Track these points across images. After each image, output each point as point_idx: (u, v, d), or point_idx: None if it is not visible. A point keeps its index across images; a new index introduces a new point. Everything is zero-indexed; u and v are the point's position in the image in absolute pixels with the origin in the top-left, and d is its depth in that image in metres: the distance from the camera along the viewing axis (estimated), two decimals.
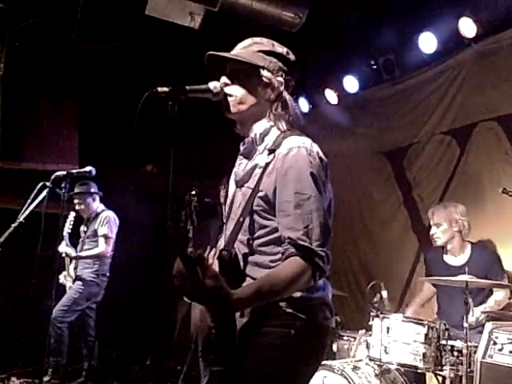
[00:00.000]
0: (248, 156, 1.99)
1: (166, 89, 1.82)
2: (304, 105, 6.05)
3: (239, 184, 1.99)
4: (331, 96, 5.85)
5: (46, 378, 4.69)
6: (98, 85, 5.73)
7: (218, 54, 1.95)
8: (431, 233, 4.10)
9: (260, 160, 1.92)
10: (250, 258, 1.85)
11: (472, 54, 4.70)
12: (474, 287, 3.53)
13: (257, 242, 1.85)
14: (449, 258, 4.04)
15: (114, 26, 4.96)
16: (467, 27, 4.50)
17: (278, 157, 1.85)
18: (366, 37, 5.03)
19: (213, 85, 1.91)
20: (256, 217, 1.85)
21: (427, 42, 4.84)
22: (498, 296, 3.81)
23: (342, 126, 5.80)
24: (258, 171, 1.90)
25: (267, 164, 1.87)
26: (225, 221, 2.05)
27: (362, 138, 5.73)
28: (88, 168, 4.10)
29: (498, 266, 3.86)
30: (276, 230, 1.83)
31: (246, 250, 1.86)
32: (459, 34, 4.58)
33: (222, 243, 1.99)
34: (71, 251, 5.18)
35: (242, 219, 1.86)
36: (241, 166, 2.01)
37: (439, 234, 4.04)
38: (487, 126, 4.63)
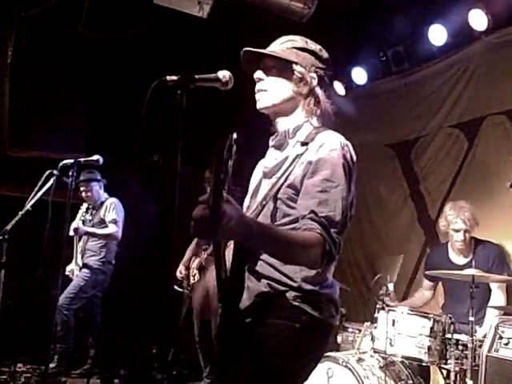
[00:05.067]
0: (279, 148, 2.02)
1: (174, 77, 1.82)
2: None
3: (268, 175, 2.00)
4: (339, 87, 5.82)
5: (51, 365, 4.73)
6: (106, 74, 5.72)
7: (254, 50, 1.99)
8: (461, 238, 3.88)
9: (291, 152, 1.94)
10: None
11: (482, 46, 4.67)
12: (477, 284, 3.50)
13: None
14: (454, 257, 4.01)
15: (122, 15, 4.94)
16: (478, 20, 4.46)
17: (312, 150, 1.87)
18: (375, 28, 5.01)
19: (222, 74, 1.92)
20: (280, 204, 1.86)
21: (437, 35, 4.81)
22: (496, 300, 3.78)
23: (350, 118, 5.77)
24: (288, 162, 1.91)
25: (299, 155, 1.88)
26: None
27: (369, 130, 5.70)
28: (95, 157, 4.10)
29: (500, 261, 3.84)
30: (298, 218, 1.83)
31: None
32: (469, 27, 4.54)
33: None
34: (82, 226, 5.17)
35: (264, 203, 1.86)
36: (271, 158, 2.04)
37: (465, 240, 3.90)
38: (496, 120, 4.60)
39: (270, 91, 1.98)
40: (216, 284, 1.81)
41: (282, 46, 2.02)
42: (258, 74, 2.00)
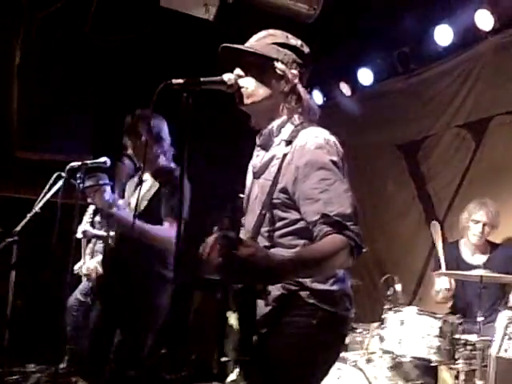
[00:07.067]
0: (265, 147, 2.00)
1: (180, 80, 1.83)
2: (318, 97, 6.03)
3: (257, 175, 2.00)
4: (346, 88, 5.82)
5: (61, 366, 4.76)
6: (112, 76, 5.74)
7: (232, 46, 1.95)
8: (479, 230, 3.89)
9: (277, 151, 1.93)
10: (272, 251, 1.85)
11: (488, 46, 4.65)
12: (491, 285, 3.49)
13: (276, 233, 1.87)
14: (468, 256, 4.00)
15: (129, 17, 4.96)
16: (484, 20, 4.44)
17: (296, 148, 1.86)
18: (381, 29, 4.99)
19: (227, 77, 1.92)
20: (275, 210, 1.86)
21: (443, 35, 4.79)
22: None
23: (356, 119, 5.77)
24: (275, 162, 1.90)
25: (285, 155, 1.87)
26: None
27: (376, 130, 5.70)
28: (103, 159, 4.10)
29: None
30: (294, 222, 1.85)
31: (267, 243, 1.87)
32: (476, 27, 4.53)
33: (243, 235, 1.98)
34: (90, 228, 5.18)
35: (264, 212, 1.86)
36: (258, 157, 2.03)
37: (482, 234, 3.90)
38: (503, 120, 4.59)
39: (249, 89, 1.93)
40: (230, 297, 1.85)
41: (262, 42, 1.97)
42: (237, 71, 1.95)
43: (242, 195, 2.03)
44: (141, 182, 3.36)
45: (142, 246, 3.03)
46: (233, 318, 1.97)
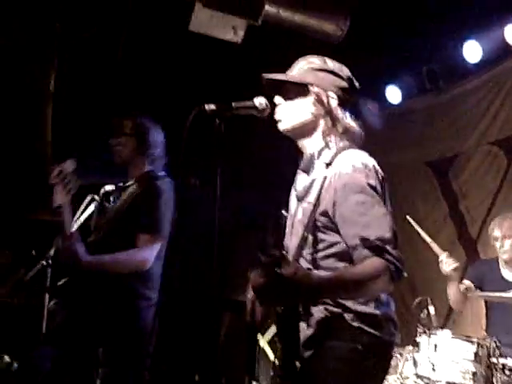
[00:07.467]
0: (307, 171, 2.03)
1: (213, 106, 1.86)
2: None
3: (300, 199, 2.02)
4: (374, 106, 5.79)
5: None
6: (143, 100, 5.83)
7: (267, 77, 2.03)
8: (499, 245, 3.90)
9: (318, 175, 1.95)
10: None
11: None
12: None
13: (318, 256, 1.88)
14: (507, 273, 3.91)
15: (158, 43, 5.05)
16: None
17: (335, 171, 1.88)
18: (409, 46, 4.98)
19: (258, 101, 1.96)
20: (317, 232, 1.88)
21: (472, 51, 4.76)
22: None
23: (385, 137, 5.73)
24: (316, 186, 1.92)
25: (325, 178, 1.89)
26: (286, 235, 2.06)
27: (405, 148, 5.65)
28: None
29: None
30: (335, 244, 1.86)
31: (309, 266, 1.87)
32: (505, 42, 4.49)
33: None
34: None
35: (305, 235, 1.87)
36: (300, 181, 2.06)
37: (503, 249, 3.88)
38: None
39: (288, 115, 2.01)
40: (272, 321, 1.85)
41: (300, 69, 2.05)
42: (277, 98, 2.04)
43: (285, 213, 2.05)
44: (124, 187, 3.17)
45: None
46: (263, 342, 1.97)
